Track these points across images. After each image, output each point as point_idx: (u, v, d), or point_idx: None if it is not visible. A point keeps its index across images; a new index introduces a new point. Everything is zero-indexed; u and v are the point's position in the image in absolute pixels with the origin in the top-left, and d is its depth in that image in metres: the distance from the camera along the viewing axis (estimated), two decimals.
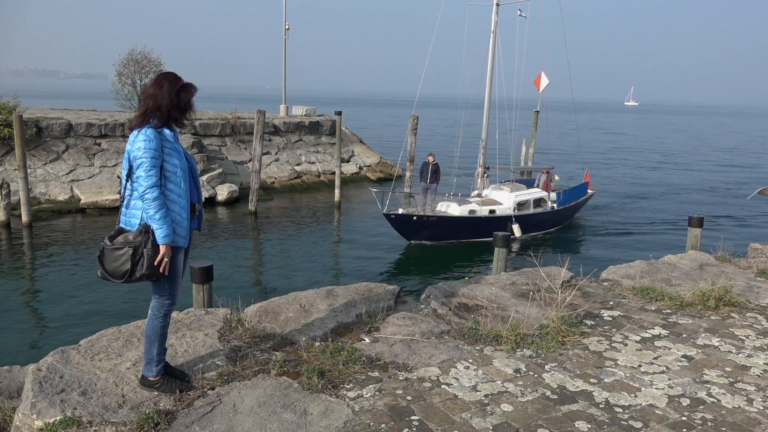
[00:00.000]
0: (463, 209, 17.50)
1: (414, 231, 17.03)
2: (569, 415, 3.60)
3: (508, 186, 19.19)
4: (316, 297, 5.23)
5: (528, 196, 18.92)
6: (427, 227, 16.93)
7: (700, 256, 7.60)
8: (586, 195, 21.69)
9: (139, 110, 3.46)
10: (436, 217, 16.88)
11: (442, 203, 17.96)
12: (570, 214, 20.76)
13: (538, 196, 19.20)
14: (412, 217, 16.54)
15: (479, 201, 18.13)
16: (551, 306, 5.12)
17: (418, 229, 16.91)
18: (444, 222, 17.17)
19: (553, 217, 19.60)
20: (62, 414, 3.29)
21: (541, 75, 32.28)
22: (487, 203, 18.13)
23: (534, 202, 19.02)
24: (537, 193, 19.37)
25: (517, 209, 18.25)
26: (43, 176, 20.22)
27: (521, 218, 18.01)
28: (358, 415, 3.47)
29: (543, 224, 19.31)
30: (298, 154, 27.63)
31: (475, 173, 20.55)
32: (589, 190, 22.29)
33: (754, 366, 4.41)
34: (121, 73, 28.95)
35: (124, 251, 3.36)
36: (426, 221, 16.83)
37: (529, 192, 19.22)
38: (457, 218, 17.33)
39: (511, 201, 18.32)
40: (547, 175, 20.22)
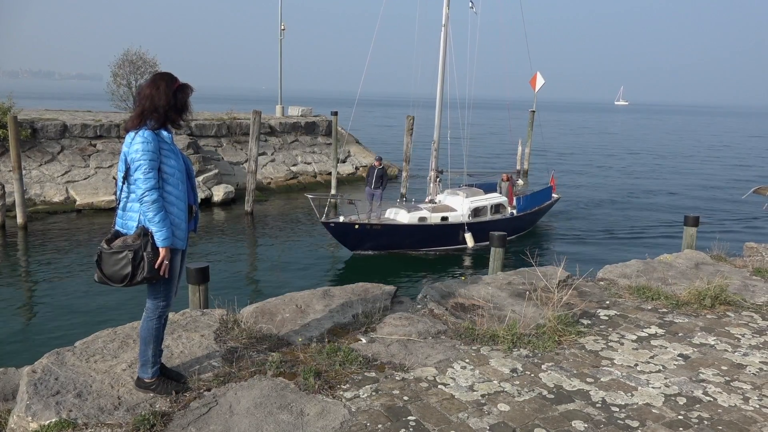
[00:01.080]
0: (412, 216, 16.24)
1: (357, 240, 15.77)
2: (566, 414, 3.60)
3: (464, 191, 17.91)
4: (312, 297, 5.23)
5: (485, 202, 17.67)
6: (371, 236, 15.70)
7: (695, 255, 7.62)
8: (550, 200, 20.47)
9: (135, 111, 3.40)
10: (381, 225, 15.68)
11: (390, 210, 16.79)
12: (532, 220, 19.50)
13: (496, 202, 18.04)
14: (353, 225, 15.32)
15: (431, 207, 16.83)
16: (548, 305, 5.12)
17: (362, 238, 15.67)
18: (390, 230, 15.90)
19: (512, 224, 18.07)
20: (57, 416, 3.28)
21: (536, 75, 32.37)
22: (440, 210, 16.83)
23: (492, 208, 17.85)
24: (495, 198, 18.17)
25: (473, 216, 17.10)
26: (38, 177, 20.15)
27: (476, 226, 16.81)
28: (355, 415, 3.47)
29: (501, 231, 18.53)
30: (294, 154, 27.61)
31: (428, 178, 19.14)
32: (554, 194, 21.06)
33: (750, 364, 4.42)
34: (116, 74, 28.88)
35: (124, 255, 3.32)
36: (370, 230, 15.59)
37: (486, 197, 17.93)
38: (404, 226, 16.07)
39: (466, 207, 17.06)
40: (509, 180, 19.09)
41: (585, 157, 43.16)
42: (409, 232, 16.18)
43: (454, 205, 17.10)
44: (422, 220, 16.29)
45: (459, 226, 16.55)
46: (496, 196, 18.27)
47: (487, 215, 17.55)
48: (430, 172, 18.68)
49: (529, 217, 19.00)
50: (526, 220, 18.90)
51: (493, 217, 17.63)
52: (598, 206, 24.36)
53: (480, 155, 39.82)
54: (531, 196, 19.21)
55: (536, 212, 19.45)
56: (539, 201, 19.66)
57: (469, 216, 16.95)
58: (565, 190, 28.14)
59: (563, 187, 28.66)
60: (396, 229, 16.00)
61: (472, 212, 17.10)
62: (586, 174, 34.32)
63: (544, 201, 20.00)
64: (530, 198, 19.14)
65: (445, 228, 16.52)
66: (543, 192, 20.27)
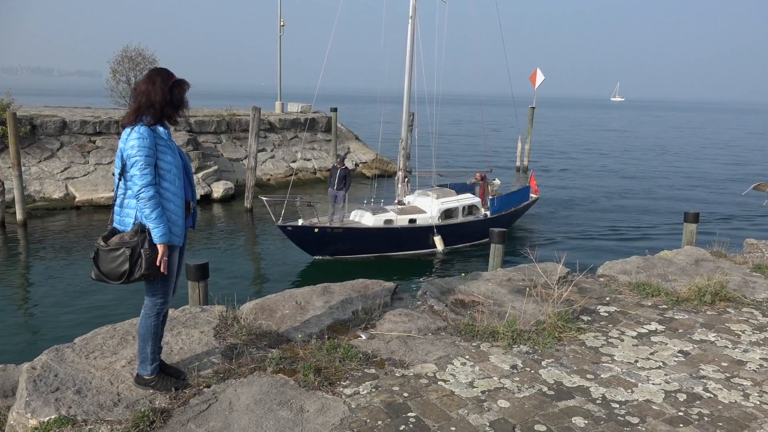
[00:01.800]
0: (378, 219, 15.36)
1: (318, 245, 14.89)
2: (566, 410, 3.60)
3: (435, 192, 17.04)
4: (312, 294, 5.22)
5: (456, 203, 16.76)
6: (333, 240, 14.86)
7: (695, 251, 7.61)
8: (528, 200, 19.55)
9: (132, 107, 3.38)
10: (342, 229, 14.91)
11: (356, 212, 15.95)
12: (507, 222, 18.21)
13: (468, 203, 17.16)
14: (313, 229, 14.52)
15: (398, 209, 15.96)
16: (547, 302, 5.11)
17: (323, 242, 14.81)
18: (353, 234, 15.07)
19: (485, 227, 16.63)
20: (57, 413, 3.27)
21: (536, 71, 32.34)
22: (408, 212, 15.98)
23: (464, 210, 16.97)
24: (467, 199, 17.29)
25: (443, 218, 16.30)
26: (37, 174, 20.13)
27: (447, 228, 16.05)
28: (355, 412, 3.46)
29: (473, 234, 17.01)
30: (293, 151, 27.59)
31: (396, 178, 18.12)
32: (534, 194, 20.14)
33: (750, 361, 4.42)
34: (115, 71, 28.85)
35: (121, 252, 3.30)
36: (331, 233, 14.77)
37: (457, 198, 17.01)
38: (368, 230, 15.21)
39: (436, 209, 16.17)
40: (483, 180, 18.25)
41: (584, 154, 43.15)
42: (373, 235, 15.36)
43: (423, 207, 16.28)
44: (388, 222, 15.45)
45: (428, 228, 15.72)
46: (469, 197, 17.48)
47: (458, 217, 16.76)
48: (398, 172, 17.76)
49: (504, 219, 17.95)
50: (500, 222, 17.57)
51: (465, 219, 16.86)
52: (597, 202, 24.36)
53: (473, 154, 39.81)
54: (506, 197, 18.34)
55: (512, 213, 18.53)
56: (515, 202, 18.75)
57: (440, 218, 16.19)
58: (566, 186, 28.16)
59: (565, 184, 28.67)
60: (359, 233, 15.20)
61: (443, 214, 16.34)
62: (585, 170, 34.30)
63: (521, 201, 19.07)
64: (505, 199, 18.20)
65: (412, 231, 15.70)
66: (520, 192, 19.37)
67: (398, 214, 15.70)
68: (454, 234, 16.33)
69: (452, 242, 16.24)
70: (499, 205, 17.61)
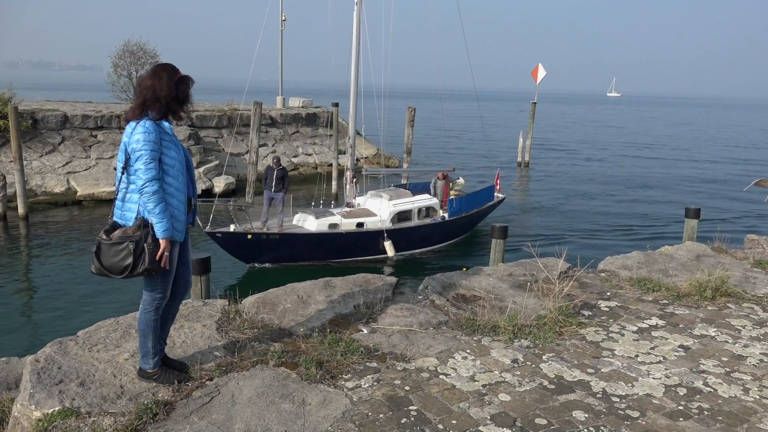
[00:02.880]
0: (321, 223, 14.17)
1: (252, 252, 13.73)
2: (567, 404, 3.62)
3: (389, 193, 15.81)
4: (314, 288, 5.24)
5: (410, 205, 15.50)
6: (269, 247, 13.71)
7: (696, 247, 7.62)
8: (492, 200, 18.33)
9: (136, 101, 3.37)
10: (279, 235, 13.71)
11: (299, 216, 14.79)
12: (468, 225, 17.33)
13: (424, 205, 15.90)
14: (246, 235, 13.39)
15: (346, 213, 14.83)
16: (549, 297, 5.13)
17: (257, 249, 13.64)
18: (292, 240, 13.85)
19: (443, 230, 16.22)
20: (60, 405, 3.29)
21: (538, 67, 32.27)
22: (356, 215, 14.82)
23: (420, 212, 15.72)
24: (423, 200, 16.05)
25: (396, 221, 15.07)
26: (39, 168, 20.15)
27: (399, 233, 14.82)
28: (357, 405, 3.48)
29: (429, 239, 15.99)
30: (295, 145, 27.59)
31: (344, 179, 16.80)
32: (499, 194, 19.03)
33: (750, 356, 4.44)
34: (117, 65, 28.82)
35: (125, 246, 3.29)
36: (266, 240, 13.60)
37: (412, 200, 15.76)
38: (309, 235, 14.01)
39: (388, 212, 14.92)
40: (445, 179, 17.08)
41: (583, 149, 43.10)
42: (315, 241, 14.09)
43: (374, 209, 15.08)
44: (333, 227, 14.26)
45: (377, 233, 14.47)
46: (426, 199, 16.24)
47: (413, 220, 15.50)
48: (346, 173, 16.48)
49: (464, 221, 16.86)
50: (460, 225, 16.75)
51: (420, 221, 15.63)
52: (597, 198, 24.36)
53: (463, 151, 39.78)
54: (467, 198, 17.17)
55: (474, 215, 17.30)
56: (477, 202, 17.45)
57: (392, 221, 14.94)
58: (565, 182, 28.15)
59: (567, 181, 28.67)
60: (299, 239, 13.99)
61: (395, 217, 15.09)
62: (585, 166, 34.27)
63: (483, 202, 17.77)
64: (465, 200, 16.96)
65: (360, 236, 14.48)
66: (482, 192, 18.03)
67: (345, 217, 14.55)
68: (407, 238, 15.10)
69: (405, 247, 15.04)
70: (458, 206, 16.36)
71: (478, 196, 17.61)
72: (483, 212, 17.92)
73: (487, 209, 18.18)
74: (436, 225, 15.91)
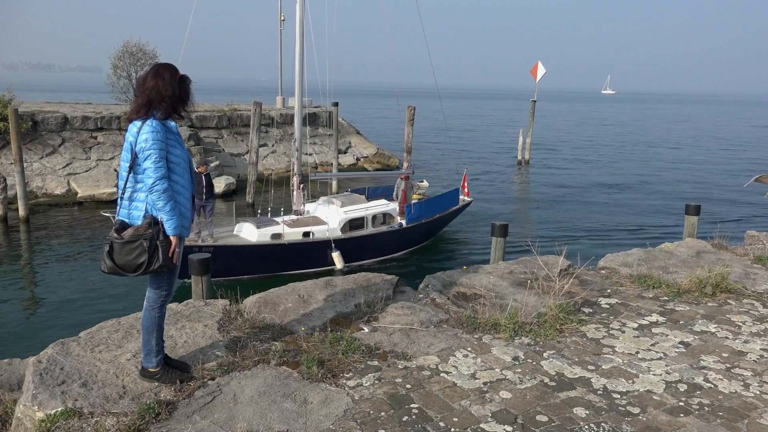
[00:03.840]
0: (263, 234, 12.87)
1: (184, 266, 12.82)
2: (567, 401, 3.63)
3: (341, 199, 14.71)
4: (314, 287, 5.25)
5: (362, 212, 14.23)
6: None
7: (696, 243, 7.63)
8: (456, 204, 16.87)
9: (139, 101, 3.39)
10: (213, 248, 12.28)
11: (239, 225, 13.52)
12: (429, 231, 15.90)
13: (380, 211, 14.60)
14: None
15: (291, 222, 13.59)
16: (549, 294, 5.14)
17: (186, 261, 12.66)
18: (226, 252, 12.45)
19: (399, 238, 14.89)
20: (63, 405, 3.30)
21: (537, 65, 32.26)
22: (303, 224, 13.56)
23: (375, 219, 14.50)
24: (379, 206, 14.78)
25: (348, 229, 13.92)
26: (39, 170, 20.17)
27: (349, 242, 13.65)
28: (358, 403, 3.50)
29: (383, 248, 14.65)
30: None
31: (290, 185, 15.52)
32: (467, 197, 17.67)
33: (750, 351, 4.45)
34: (116, 66, 28.80)
35: (138, 244, 3.33)
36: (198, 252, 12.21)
37: (366, 206, 14.56)
38: (246, 247, 12.69)
39: (337, 219, 13.76)
40: (405, 181, 15.67)
41: (583, 147, 43.09)
42: (253, 253, 12.77)
43: (325, 217, 13.87)
44: (275, 237, 12.95)
45: (324, 243, 13.23)
46: (382, 204, 14.98)
47: (367, 227, 14.23)
48: (292, 178, 15.07)
49: (424, 228, 15.48)
50: (419, 232, 15.40)
51: (374, 230, 14.33)
52: (598, 195, 24.35)
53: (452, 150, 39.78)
54: (427, 202, 15.78)
55: (435, 221, 15.92)
56: (439, 207, 16.04)
57: (342, 230, 13.80)
58: (565, 179, 28.14)
59: (564, 177, 28.66)
60: (235, 251, 12.62)
61: (347, 225, 13.92)
62: (585, 163, 34.26)
63: (447, 207, 16.37)
64: (425, 205, 15.56)
65: (305, 247, 13.19)
66: (445, 196, 16.62)
67: (290, 226, 13.33)
68: (358, 248, 13.92)
69: (357, 258, 13.77)
70: (417, 212, 15.02)
71: (440, 201, 16.28)
72: (446, 218, 16.55)
73: (451, 214, 16.78)
74: (391, 233, 14.63)
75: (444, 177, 27.22)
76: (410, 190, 15.91)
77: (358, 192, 16.12)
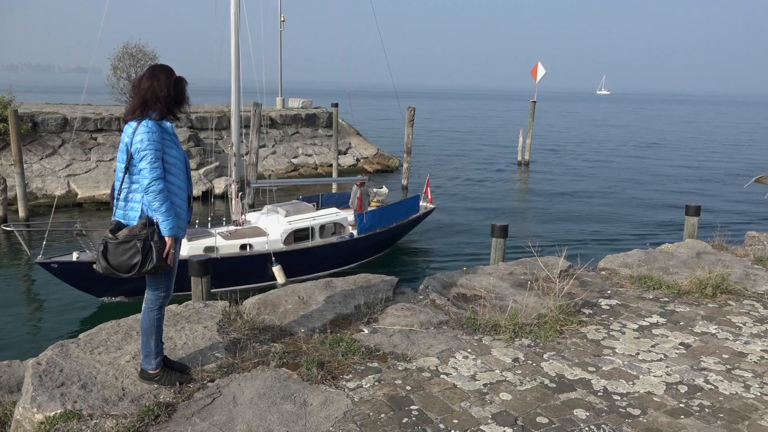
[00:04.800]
0: (195, 247, 11.73)
1: (104, 284, 11.17)
2: (568, 403, 3.62)
3: (287, 208, 13.64)
4: (314, 289, 5.24)
5: (307, 223, 13.12)
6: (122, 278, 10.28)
7: (697, 244, 7.63)
8: (416, 212, 15.78)
9: (135, 102, 3.40)
10: None
11: None
12: (384, 242, 14.86)
13: (328, 221, 13.54)
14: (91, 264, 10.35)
15: (228, 233, 12.55)
16: (549, 295, 5.13)
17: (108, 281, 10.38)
18: None
19: (349, 250, 13.82)
20: (62, 407, 3.30)
21: (537, 65, 32.27)
22: (241, 235, 12.53)
23: (324, 229, 13.44)
24: (327, 216, 13.72)
25: (292, 240, 12.86)
26: (39, 171, 20.16)
27: (292, 256, 12.51)
28: (358, 405, 3.49)
29: (332, 261, 13.42)
30: (294, 146, 27.59)
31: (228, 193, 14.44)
32: (429, 203, 16.61)
33: (751, 353, 4.44)
34: (116, 67, 28.81)
35: (132, 244, 3.33)
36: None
37: (313, 215, 13.52)
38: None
39: (280, 231, 12.66)
40: (360, 188, 14.58)
41: (582, 147, 43.08)
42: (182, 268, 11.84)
43: (266, 228, 12.89)
44: (208, 250, 11.77)
45: (263, 257, 12.08)
46: (332, 213, 13.92)
47: (313, 239, 13.13)
48: (231, 186, 13.98)
49: (377, 239, 14.41)
50: (372, 243, 14.32)
51: (321, 241, 13.26)
52: (598, 196, 24.35)
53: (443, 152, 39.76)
54: (382, 211, 14.68)
55: (392, 231, 14.85)
56: (397, 216, 14.96)
57: (285, 242, 12.73)
58: (565, 180, 28.14)
59: (567, 179, 28.65)
60: None
61: (291, 236, 12.81)
62: (585, 164, 34.26)
63: (405, 215, 15.30)
64: (380, 213, 14.47)
65: (242, 261, 12.09)
66: (403, 204, 15.61)
67: (226, 238, 12.27)
68: (303, 261, 12.82)
69: (301, 272, 12.45)
70: (370, 221, 13.96)
71: (397, 209, 15.17)
72: (404, 227, 15.43)
73: (410, 223, 15.66)
74: (340, 244, 13.55)
75: (438, 182, 27.21)
76: (366, 197, 14.86)
77: (311, 199, 15.11)
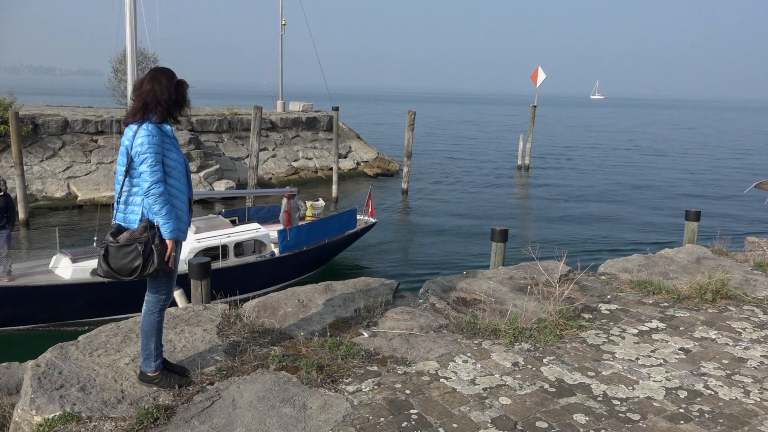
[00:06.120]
0: (79, 269, 10.53)
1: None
2: (567, 407, 3.62)
3: (198, 223, 12.22)
4: (314, 292, 5.24)
5: (218, 240, 11.70)
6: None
7: (697, 249, 7.62)
8: (353, 227, 14.34)
9: (136, 105, 3.41)
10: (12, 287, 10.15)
11: (56, 258, 11.25)
12: (313, 260, 13.49)
13: (246, 238, 12.26)
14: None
15: None
16: (549, 300, 5.13)
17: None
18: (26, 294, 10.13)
19: (270, 270, 12.35)
20: (61, 409, 3.29)
21: (537, 70, 32.33)
22: None
23: (241, 247, 12.12)
24: (244, 232, 12.42)
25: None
26: (39, 173, 20.18)
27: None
28: (357, 409, 3.48)
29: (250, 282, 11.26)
30: (295, 150, 27.62)
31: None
32: (371, 217, 15.21)
33: (751, 358, 4.43)
34: (117, 70, 28.87)
35: (133, 248, 3.33)
36: None
37: (228, 232, 12.13)
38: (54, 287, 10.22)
39: (187, 249, 11.01)
40: (289, 201, 12.95)
41: (581, 152, 43.11)
42: (66, 293, 10.26)
43: None
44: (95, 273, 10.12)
45: None
46: (252, 230, 12.58)
47: (226, 258, 11.74)
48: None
49: (305, 257, 13.04)
50: (298, 262, 12.92)
51: (237, 260, 11.90)
52: (598, 200, 24.36)
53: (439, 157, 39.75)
54: (310, 226, 13.23)
55: (323, 248, 13.50)
56: (328, 232, 13.56)
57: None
58: (565, 185, 28.15)
59: (567, 184, 28.66)
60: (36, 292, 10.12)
61: (200, 255, 11.10)
62: (584, 169, 34.28)
63: (339, 231, 13.84)
64: (306, 229, 12.96)
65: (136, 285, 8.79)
66: (336, 218, 14.15)
67: None
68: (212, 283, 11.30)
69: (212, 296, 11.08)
70: (295, 238, 12.54)
71: (329, 224, 13.77)
72: (337, 244, 13.97)
73: (345, 239, 14.19)
74: (258, 264, 12.14)
75: (434, 185, 27.21)
76: (294, 211, 13.29)
77: (234, 213, 13.70)
